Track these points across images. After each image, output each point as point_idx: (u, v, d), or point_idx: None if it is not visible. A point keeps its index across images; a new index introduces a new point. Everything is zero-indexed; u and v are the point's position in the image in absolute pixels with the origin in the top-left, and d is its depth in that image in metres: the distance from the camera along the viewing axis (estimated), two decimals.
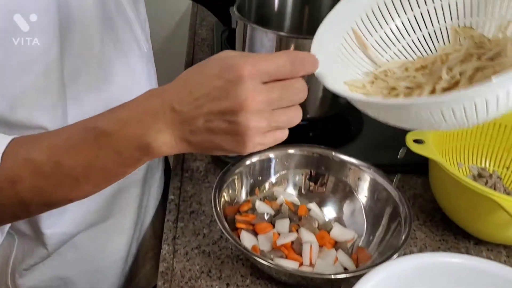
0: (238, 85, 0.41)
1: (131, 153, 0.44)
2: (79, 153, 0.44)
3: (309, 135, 0.88)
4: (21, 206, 0.47)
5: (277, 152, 0.71)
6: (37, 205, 0.47)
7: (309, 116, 0.83)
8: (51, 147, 0.45)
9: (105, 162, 0.44)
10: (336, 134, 0.89)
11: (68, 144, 0.45)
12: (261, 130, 0.43)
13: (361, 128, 0.89)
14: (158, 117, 0.42)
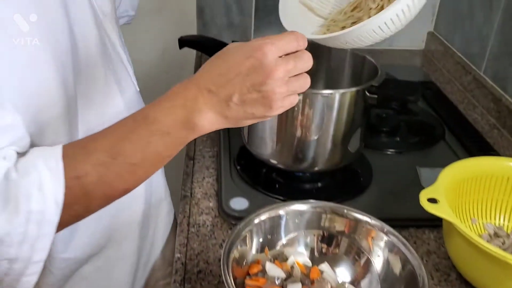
0: (264, 60, 0.50)
1: (179, 133, 0.52)
2: (135, 141, 0.51)
3: (318, 186, 0.86)
4: (85, 201, 0.52)
5: (287, 208, 0.69)
6: (99, 198, 0.53)
7: (317, 168, 0.82)
8: (109, 141, 0.52)
9: (157, 146, 0.52)
10: (346, 186, 0.87)
11: (124, 135, 0.52)
12: (282, 95, 0.52)
13: (370, 179, 0.88)
14: (198, 100, 0.51)
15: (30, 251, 0.50)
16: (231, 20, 1.38)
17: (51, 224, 0.50)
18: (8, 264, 0.50)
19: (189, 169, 0.91)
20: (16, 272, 0.51)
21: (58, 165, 0.50)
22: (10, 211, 0.48)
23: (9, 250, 0.49)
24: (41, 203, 0.49)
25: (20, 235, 0.49)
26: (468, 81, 1.22)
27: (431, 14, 1.43)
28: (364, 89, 0.76)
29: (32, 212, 0.49)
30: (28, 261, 0.51)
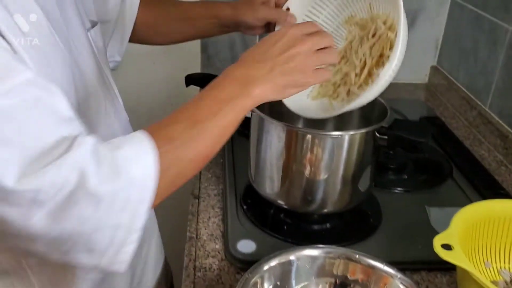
0: (291, 37, 0.65)
1: (240, 100, 0.61)
2: (209, 110, 0.60)
3: (327, 227, 0.85)
4: (176, 166, 0.57)
5: (298, 254, 0.67)
6: (187, 162, 0.58)
7: (327, 210, 0.80)
8: (186, 114, 0.60)
9: (226, 112, 0.60)
10: (355, 227, 0.85)
11: (198, 107, 0.61)
12: (313, 62, 0.65)
13: (380, 220, 0.86)
14: (248, 74, 0.62)
15: (132, 217, 0.52)
16: (235, 55, 1.38)
17: (150, 190, 0.52)
18: (112, 233, 0.51)
19: (194, 208, 0.90)
20: (118, 240, 0.52)
21: (145, 137, 0.55)
22: (114, 176, 0.50)
23: (115, 217, 0.51)
24: (140, 169, 0.52)
25: (123, 200, 0.51)
26: (473, 117, 1.22)
27: (434, 48, 1.44)
28: (374, 131, 0.76)
29: (132, 178, 0.51)
30: (130, 228, 0.52)
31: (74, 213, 0.49)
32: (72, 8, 0.70)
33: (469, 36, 1.28)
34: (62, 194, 0.48)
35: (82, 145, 0.50)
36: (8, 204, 0.47)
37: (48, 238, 0.49)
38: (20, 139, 0.47)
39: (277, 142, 0.78)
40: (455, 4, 1.35)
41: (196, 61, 1.38)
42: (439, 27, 1.41)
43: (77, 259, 0.52)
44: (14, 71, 0.49)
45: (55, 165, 0.48)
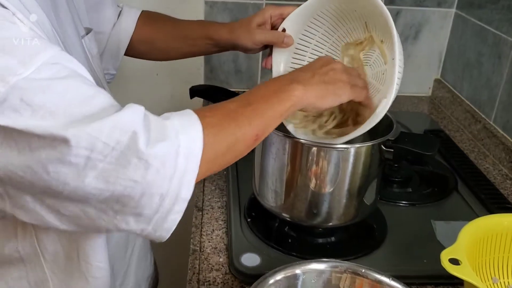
0: (329, 59, 0.73)
1: (285, 93, 0.65)
2: (258, 95, 0.65)
3: (332, 240, 0.84)
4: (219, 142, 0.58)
5: (304, 268, 0.66)
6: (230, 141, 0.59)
7: (332, 224, 0.80)
8: (236, 99, 0.63)
9: (273, 102, 0.64)
10: (361, 240, 0.84)
11: (248, 94, 0.65)
12: (346, 80, 0.70)
13: (385, 233, 0.85)
14: (294, 80, 0.67)
15: (179, 186, 0.53)
16: (238, 67, 1.38)
17: (196, 161, 0.54)
18: (159, 200, 0.52)
19: (198, 221, 0.89)
20: (165, 209, 0.53)
21: (191, 113, 0.57)
22: (163, 141, 0.52)
23: (163, 183, 0.52)
24: (187, 139, 0.54)
25: (172, 167, 0.52)
26: (478, 130, 1.21)
27: (438, 61, 1.44)
28: (379, 144, 0.75)
29: (181, 146, 0.53)
30: (177, 197, 0.53)
31: (124, 176, 0.50)
32: (66, 15, 0.71)
33: (473, 49, 1.28)
34: (114, 155, 0.50)
35: (133, 109, 0.52)
36: (64, 164, 0.49)
37: (100, 199, 0.51)
38: (64, 107, 0.49)
39: (282, 155, 0.77)
40: (458, 17, 1.35)
41: (199, 73, 1.38)
42: (443, 40, 1.41)
43: (125, 222, 0.54)
44: (40, 47, 0.51)
45: (108, 121, 0.50)
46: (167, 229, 0.55)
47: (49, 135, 0.48)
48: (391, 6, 1.35)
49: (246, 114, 0.61)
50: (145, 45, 0.98)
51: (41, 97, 0.49)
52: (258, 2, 1.31)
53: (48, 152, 0.49)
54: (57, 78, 0.50)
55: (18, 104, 0.48)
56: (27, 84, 0.48)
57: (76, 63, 0.54)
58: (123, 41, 0.96)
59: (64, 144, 0.48)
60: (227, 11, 1.31)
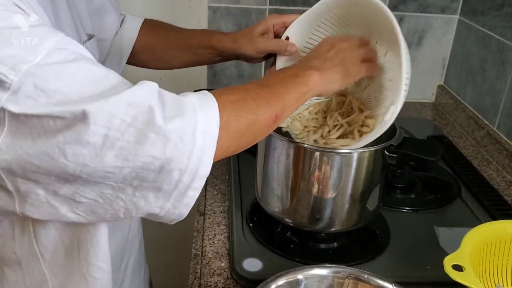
0: (335, 39, 0.74)
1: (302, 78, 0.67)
2: (276, 79, 0.66)
3: (335, 246, 0.84)
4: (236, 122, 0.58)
5: (306, 273, 0.66)
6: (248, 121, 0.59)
7: (335, 229, 0.79)
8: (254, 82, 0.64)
9: (289, 85, 0.65)
10: (363, 246, 0.84)
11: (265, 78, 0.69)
12: (356, 57, 0.73)
13: (388, 239, 0.85)
14: (307, 67, 0.69)
15: (197, 162, 0.53)
16: (242, 72, 1.38)
17: (213, 138, 0.54)
18: (178, 176, 0.53)
19: (200, 225, 0.89)
20: (184, 184, 0.53)
21: (206, 92, 0.57)
22: (181, 116, 0.52)
23: (181, 159, 0.52)
24: (205, 116, 0.53)
25: (190, 143, 0.52)
26: (481, 136, 1.21)
27: (441, 67, 1.43)
28: (383, 149, 0.75)
29: (198, 122, 0.53)
30: (195, 174, 0.53)
31: (143, 152, 0.50)
32: (67, 21, 0.70)
33: (476, 56, 1.28)
34: (131, 131, 0.49)
35: (147, 84, 0.52)
36: (82, 144, 0.49)
37: (119, 177, 0.51)
38: (78, 89, 0.49)
39: (285, 159, 0.77)
40: (462, 23, 1.35)
41: (203, 78, 1.38)
42: (446, 46, 1.41)
43: (145, 198, 0.54)
44: (46, 34, 0.51)
45: (124, 96, 0.50)
46: (186, 204, 0.55)
47: (68, 113, 0.48)
48: (394, 12, 1.34)
49: (263, 94, 0.62)
50: (147, 54, 0.98)
51: (54, 81, 0.48)
52: (261, 8, 1.31)
53: (65, 134, 0.48)
54: (67, 62, 0.50)
55: (33, 91, 0.48)
56: (39, 70, 0.48)
57: (81, 47, 0.54)
58: (126, 49, 0.96)
59: (82, 123, 0.48)
60: (231, 16, 1.31)
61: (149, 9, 1.31)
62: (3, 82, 0.47)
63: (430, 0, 1.34)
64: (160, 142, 0.50)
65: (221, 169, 1.05)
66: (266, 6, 1.31)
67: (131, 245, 0.84)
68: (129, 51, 0.96)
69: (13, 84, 0.47)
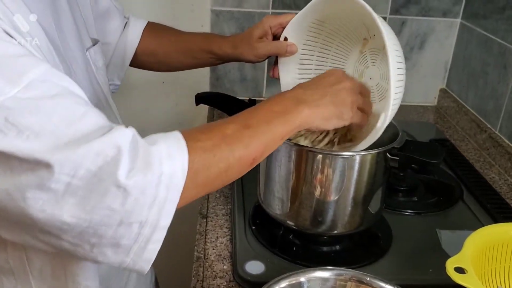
0: (340, 75, 0.71)
1: (291, 115, 0.64)
2: (261, 118, 0.63)
3: (337, 249, 0.84)
4: (206, 170, 0.56)
5: (309, 275, 0.66)
6: (221, 168, 0.57)
7: (337, 231, 0.79)
8: (239, 118, 0.62)
9: (276, 124, 0.63)
10: (366, 249, 0.84)
11: (249, 115, 0.63)
12: (353, 102, 0.69)
13: (390, 242, 0.85)
14: (301, 101, 0.65)
15: (158, 215, 0.52)
16: (244, 75, 1.38)
17: (177, 190, 0.53)
18: (138, 229, 0.51)
19: (202, 228, 0.89)
20: (144, 237, 0.52)
21: (179, 137, 0.55)
22: (144, 170, 0.50)
23: (141, 212, 0.51)
24: (171, 167, 0.52)
25: (151, 196, 0.51)
26: (483, 139, 1.21)
27: (444, 70, 1.44)
28: (385, 152, 0.75)
29: (163, 174, 0.51)
30: (156, 226, 0.52)
31: (103, 204, 0.49)
32: (70, 28, 0.70)
33: (478, 59, 1.28)
34: (94, 181, 0.48)
35: (120, 133, 0.51)
36: (43, 190, 0.48)
37: (77, 230, 0.50)
38: (51, 128, 0.48)
39: (287, 162, 0.77)
40: (464, 27, 1.36)
41: (205, 81, 1.39)
42: (448, 50, 1.41)
43: (103, 254, 0.52)
44: (29, 65, 0.50)
45: (93, 145, 0.49)
46: (146, 259, 0.53)
47: (33, 159, 0.47)
48: (396, 16, 1.35)
49: (242, 138, 0.59)
50: (148, 57, 0.98)
51: (27, 117, 0.47)
52: (264, 11, 1.31)
53: (29, 177, 0.47)
54: (46, 97, 0.49)
55: (3, 124, 0.47)
56: (13, 104, 0.47)
57: (67, 80, 0.53)
58: (129, 52, 0.96)
59: (46, 170, 0.47)
60: (234, 19, 1.32)
61: (152, 12, 1.32)
62: None
63: (432, 3, 1.35)
64: (121, 195, 0.49)
65: None
66: (269, 9, 1.32)
67: None
68: (132, 54, 0.96)
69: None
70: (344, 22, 0.81)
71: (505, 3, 1.16)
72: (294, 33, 0.83)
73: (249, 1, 1.30)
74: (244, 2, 1.31)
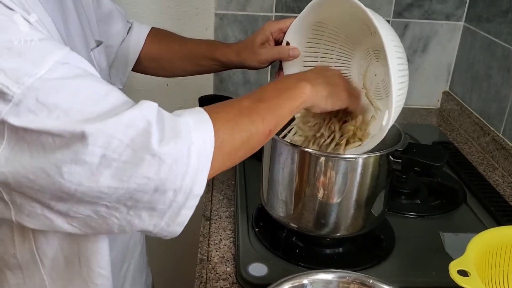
0: (329, 68, 0.79)
1: (295, 91, 0.67)
2: (271, 93, 0.66)
3: (340, 251, 0.84)
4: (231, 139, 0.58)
5: (311, 278, 0.66)
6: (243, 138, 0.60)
7: (340, 234, 0.80)
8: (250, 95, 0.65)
9: (284, 99, 0.66)
10: (368, 251, 0.84)
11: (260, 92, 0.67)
12: (346, 85, 0.75)
13: (393, 244, 0.85)
14: (302, 78, 0.69)
15: (192, 183, 0.53)
16: (248, 78, 1.39)
17: (208, 158, 0.54)
18: (172, 196, 0.53)
19: (206, 230, 0.89)
20: (178, 204, 0.54)
21: (202, 111, 0.57)
22: (175, 140, 0.52)
23: (176, 180, 0.52)
24: (200, 137, 0.54)
25: (184, 164, 0.52)
26: (486, 142, 1.21)
27: (447, 73, 1.44)
28: (388, 154, 0.75)
29: (193, 144, 0.53)
30: (189, 193, 0.54)
31: (138, 174, 0.51)
32: (76, 27, 0.71)
33: (481, 62, 1.28)
34: (128, 152, 0.50)
35: (146, 105, 0.53)
36: (78, 164, 0.49)
37: (113, 197, 0.52)
38: (78, 106, 0.50)
39: (290, 164, 0.77)
40: (467, 30, 1.36)
41: (209, 84, 1.39)
42: (451, 53, 1.41)
43: (138, 218, 0.54)
44: (51, 48, 0.51)
45: (123, 118, 0.50)
46: (179, 223, 0.56)
47: (67, 132, 0.48)
48: (399, 19, 1.36)
49: (259, 110, 0.62)
50: (152, 62, 0.99)
51: (55, 96, 0.49)
52: (267, 15, 1.32)
53: (63, 152, 0.49)
54: (70, 78, 0.51)
55: (34, 105, 0.48)
56: (41, 85, 0.49)
57: (86, 62, 0.55)
58: (131, 57, 0.97)
59: (80, 143, 0.48)
60: (237, 23, 1.32)
61: (156, 16, 1.33)
62: (5, 94, 0.48)
63: (435, 7, 1.35)
64: (155, 164, 0.51)
65: (227, 174, 1.06)
66: (272, 13, 1.32)
67: (133, 250, 0.85)
68: (134, 59, 0.97)
69: (15, 96, 0.48)
70: (344, 21, 0.81)
71: (508, 6, 1.16)
72: (295, 36, 0.83)
73: (252, 4, 1.31)
74: (248, 5, 1.31)
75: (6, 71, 0.48)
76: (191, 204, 0.55)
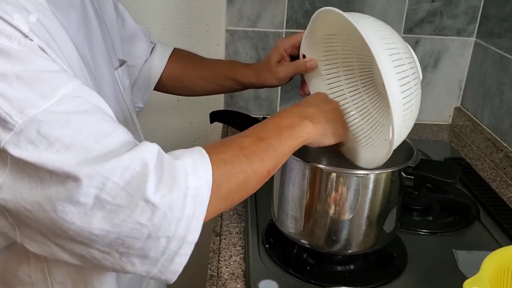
0: (326, 97, 0.78)
1: (297, 129, 0.67)
2: (272, 132, 0.66)
3: (351, 268, 0.83)
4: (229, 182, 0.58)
5: None
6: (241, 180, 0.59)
7: (351, 251, 0.79)
8: (251, 132, 0.65)
9: (286, 138, 0.66)
10: (380, 269, 0.83)
11: (261, 129, 0.66)
12: (343, 120, 0.77)
13: (405, 262, 0.84)
14: (304, 116, 0.69)
15: (186, 229, 0.53)
16: (258, 93, 1.39)
17: (203, 203, 0.54)
18: (165, 243, 0.52)
19: (216, 246, 0.89)
20: (171, 251, 0.53)
21: (203, 152, 0.56)
22: (171, 185, 0.51)
23: (169, 227, 0.51)
24: (197, 181, 0.53)
25: (179, 210, 0.52)
26: (499, 158, 1.20)
27: (458, 89, 1.43)
28: (400, 170, 0.75)
29: (189, 188, 0.52)
30: (183, 241, 0.53)
31: (131, 218, 0.50)
32: (100, 47, 0.72)
33: (493, 78, 1.27)
34: (122, 196, 0.49)
35: (147, 148, 0.52)
36: (72, 203, 0.49)
37: (105, 241, 0.51)
38: (80, 142, 0.49)
39: (301, 180, 0.77)
40: (478, 46, 1.35)
41: (220, 99, 1.40)
42: (463, 69, 1.40)
43: (131, 264, 0.53)
44: (62, 80, 0.51)
45: (121, 160, 0.50)
46: (173, 271, 0.55)
47: (62, 172, 0.48)
48: (410, 35, 1.36)
49: (258, 150, 0.61)
50: (173, 82, 1.01)
51: (58, 130, 0.49)
52: (278, 31, 1.33)
53: (58, 190, 0.49)
54: (76, 112, 0.51)
55: (35, 136, 0.48)
56: (45, 117, 0.49)
57: (97, 97, 0.54)
58: (154, 76, 0.99)
59: (75, 183, 0.48)
60: (248, 39, 1.33)
61: (168, 32, 1.34)
62: (6, 123, 0.48)
63: (446, 22, 1.35)
64: (149, 210, 0.50)
65: None
66: (282, 29, 1.33)
67: None
68: (157, 78, 0.99)
69: (17, 126, 0.48)
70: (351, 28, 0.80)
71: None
72: (309, 49, 0.83)
73: (263, 21, 1.32)
74: (258, 22, 1.32)
75: (12, 100, 0.48)
76: (185, 252, 0.54)
